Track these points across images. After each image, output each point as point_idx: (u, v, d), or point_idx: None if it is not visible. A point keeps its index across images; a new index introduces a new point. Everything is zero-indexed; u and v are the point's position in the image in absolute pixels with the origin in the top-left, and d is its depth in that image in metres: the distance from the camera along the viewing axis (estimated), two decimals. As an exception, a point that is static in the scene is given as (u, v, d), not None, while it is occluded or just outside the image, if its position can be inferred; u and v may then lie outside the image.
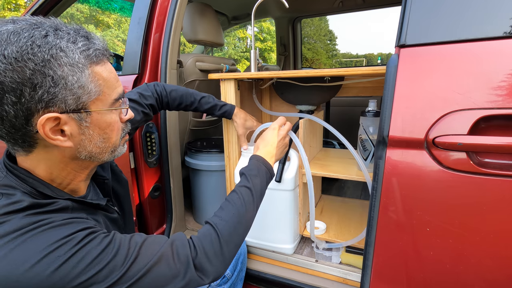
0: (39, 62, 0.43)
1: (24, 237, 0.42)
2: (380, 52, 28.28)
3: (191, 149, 1.40)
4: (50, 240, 0.43)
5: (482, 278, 0.60)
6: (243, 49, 18.20)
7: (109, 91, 0.51)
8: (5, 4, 10.76)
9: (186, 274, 0.52)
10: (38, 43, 0.43)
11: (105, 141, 0.54)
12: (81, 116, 0.48)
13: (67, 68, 0.45)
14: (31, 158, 0.50)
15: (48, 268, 0.41)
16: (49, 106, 0.45)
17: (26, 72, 0.42)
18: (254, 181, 0.69)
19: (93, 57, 0.48)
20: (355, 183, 1.61)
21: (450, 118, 0.57)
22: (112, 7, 11.89)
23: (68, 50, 0.45)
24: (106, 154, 0.56)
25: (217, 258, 0.56)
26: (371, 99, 0.95)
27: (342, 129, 0.95)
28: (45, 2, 1.37)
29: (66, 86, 0.45)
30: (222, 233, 0.58)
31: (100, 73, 0.50)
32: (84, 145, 0.51)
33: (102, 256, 0.45)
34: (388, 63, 0.63)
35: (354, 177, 0.94)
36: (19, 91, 0.42)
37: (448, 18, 0.58)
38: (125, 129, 0.59)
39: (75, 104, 0.47)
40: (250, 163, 0.74)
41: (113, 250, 0.47)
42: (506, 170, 0.55)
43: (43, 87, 0.43)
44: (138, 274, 0.47)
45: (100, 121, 0.51)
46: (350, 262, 0.96)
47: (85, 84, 0.47)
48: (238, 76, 1.00)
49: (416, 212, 0.63)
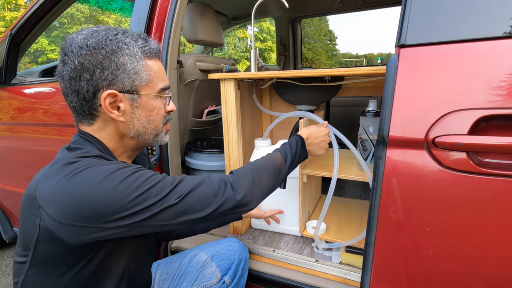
0: (109, 51, 0.59)
1: (95, 166, 0.55)
2: (380, 52, 28.29)
3: (191, 149, 1.40)
4: (114, 167, 0.56)
5: (482, 278, 0.60)
6: (243, 49, 18.21)
7: (157, 81, 0.65)
8: (5, 4, 10.76)
9: (224, 192, 0.62)
10: (111, 38, 0.60)
11: (150, 122, 0.66)
12: (133, 97, 0.62)
13: (128, 57, 0.60)
14: (94, 128, 0.65)
15: (113, 182, 0.53)
16: (111, 84, 0.60)
17: (99, 57, 0.58)
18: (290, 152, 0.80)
19: (147, 53, 0.64)
20: (355, 183, 1.61)
21: (450, 118, 0.57)
22: (112, 7, 11.89)
23: (130, 45, 0.61)
24: (150, 136, 0.68)
25: (246, 179, 0.67)
26: (371, 99, 0.95)
27: (342, 129, 0.95)
28: (45, 2, 1.37)
29: (125, 70, 0.60)
30: (253, 168, 0.70)
31: (151, 66, 0.64)
32: (133, 123, 0.64)
33: (154, 177, 0.58)
34: (388, 63, 0.63)
35: (354, 177, 0.94)
36: (92, 70, 0.58)
37: (448, 18, 0.58)
38: (167, 117, 0.71)
39: (130, 86, 0.61)
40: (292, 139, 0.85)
41: (162, 175, 0.60)
42: (506, 170, 0.55)
43: (109, 69, 0.59)
44: (184, 191, 0.58)
45: (147, 104, 0.65)
46: (350, 262, 0.96)
47: (139, 71, 0.62)
48: (238, 76, 1.00)
49: (416, 212, 0.63)
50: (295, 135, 0.86)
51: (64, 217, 0.52)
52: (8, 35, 1.45)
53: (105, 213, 0.53)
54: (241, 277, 0.91)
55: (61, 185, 0.53)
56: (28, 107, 1.42)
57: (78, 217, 0.52)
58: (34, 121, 1.39)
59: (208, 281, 0.83)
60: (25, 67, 2.11)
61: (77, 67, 0.58)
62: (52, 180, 0.54)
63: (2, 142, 1.57)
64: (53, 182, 0.54)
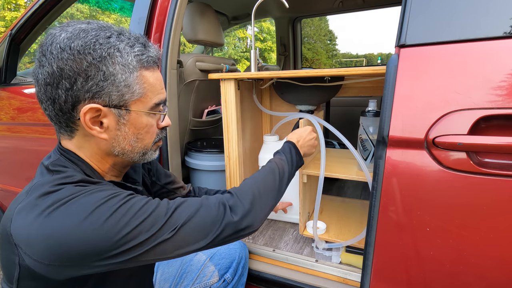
0: (97, 57, 0.48)
1: (78, 197, 0.47)
2: (380, 52, 28.30)
3: (191, 149, 1.40)
4: (100, 197, 0.48)
5: (482, 278, 0.60)
6: (243, 49, 18.20)
7: (152, 95, 0.55)
8: (5, 4, 10.76)
9: (224, 218, 0.56)
10: (101, 42, 0.49)
11: (138, 141, 0.57)
12: (120, 113, 0.52)
13: (119, 67, 0.50)
14: (75, 143, 0.56)
15: (99, 218, 0.46)
16: (95, 97, 0.50)
17: (84, 64, 0.48)
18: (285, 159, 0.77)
19: (144, 62, 0.53)
20: (355, 183, 1.61)
21: (450, 118, 0.57)
22: (112, 7, 11.89)
23: (124, 52, 0.51)
24: (137, 155, 0.59)
25: (247, 200, 0.61)
26: (371, 99, 0.95)
27: (342, 129, 0.95)
28: (45, 2, 1.37)
29: (114, 82, 0.50)
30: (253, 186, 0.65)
31: (147, 77, 0.54)
32: (118, 140, 0.55)
33: (146, 207, 0.50)
34: (388, 63, 0.63)
35: (354, 177, 0.94)
36: (73, 79, 0.48)
37: (448, 18, 0.58)
38: (159, 135, 0.61)
39: (118, 100, 0.51)
40: (283, 147, 0.82)
41: (155, 203, 0.52)
42: (506, 170, 0.55)
43: (94, 80, 0.49)
44: (179, 222, 0.52)
45: (137, 121, 0.55)
46: (350, 262, 0.96)
47: (131, 84, 0.52)
48: (238, 76, 1.00)
49: (416, 212, 0.63)
50: (286, 142, 0.84)
51: (45, 259, 0.45)
52: (8, 35, 1.45)
53: (93, 253, 0.46)
54: (241, 275, 0.91)
55: (39, 224, 0.45)
56: (28, 107, 1.42)
57: (61, 258, 0.45)
58: (34, 121, 1.39)
59: (209, 279, 0.83)
60: (25, 67, 2.11)
61: (55, 72, 0.48)
62: (29, 217, 0.46)
63: (2, 142, 1.57)
64: (30, 219, 0.46)
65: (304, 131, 0.89)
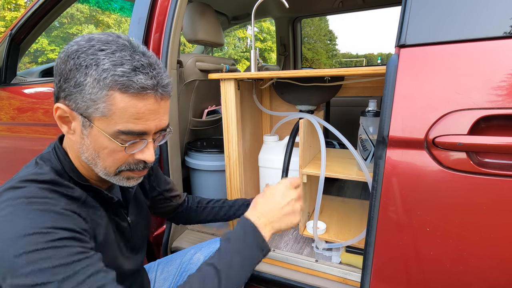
0: (76, 64, 0.50)
1: (22, 207, 0.47)
2: (380, 52, 28.30)
3: (191, 149, 1.40)
4: (37, 224, 0.46)
5: (482, 278, 0.60)
6: (243, 49, 18.21)
7: (118, 120, 0.51)
8: (5, 4, 10.76)
9: None
10: (90, 52, 0.50)
11: (97, 159, 0.55)
12: (84, 123, 0.53)
13: (90, 80, 0.50)
14: (65, 140, 0.60)
15: (20, 249, 0.43)
16: (67, 99, 0.53)
17: (67, 67, 0.51)
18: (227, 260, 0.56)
19: (120, 85, 0.49)
20: (355, 183, 1.61)
21: (450, 118, 0.57)
22: (112, 7, 11.89)
23: (102, 67, 0.49)
24: (100, 172, 0.56)
25: None
26: (371, 99, 0.95)
27: (342, 129, 0.95)
28: (45, 2, 1.37)
29: (81, 92, 0.51)
30: None
31: (118, 101, 0.50)
32: (83, 148, 0.55)
33: (62, 269, 0.44)
34: (388, 63, 0.63)
35: (354, 177, 0.94)
36: (58, 77, 0.53)
37: (448, 18, 0.58)
38: (132, 165, 0.57)
39: (83, 110, 0.52)
40: (235, 229, 0.60)
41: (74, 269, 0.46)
42: (506, 170, 0.55)
43: (68, 84, 0.52)
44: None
45: (98, 139, 0.53)
46: (350, 262, 0.96)
47: (97, 100, 0.50)
48: (238, 76, 1.00)
49: (416, 212, 0.63)
50: (241, 219, 0.62)
51: None
52: (8, 35, 1.45)
53: None
54: None
55: None
56: (28, 107, 1.42)
57: None
58: (34, 121, 1.39)
59: None
60: (25, 67, 2.10)
61: (56, 65, 0.54)
62: None
63: (2, 142, 1.58)
64: None
65: (278, 192, 0.67)
